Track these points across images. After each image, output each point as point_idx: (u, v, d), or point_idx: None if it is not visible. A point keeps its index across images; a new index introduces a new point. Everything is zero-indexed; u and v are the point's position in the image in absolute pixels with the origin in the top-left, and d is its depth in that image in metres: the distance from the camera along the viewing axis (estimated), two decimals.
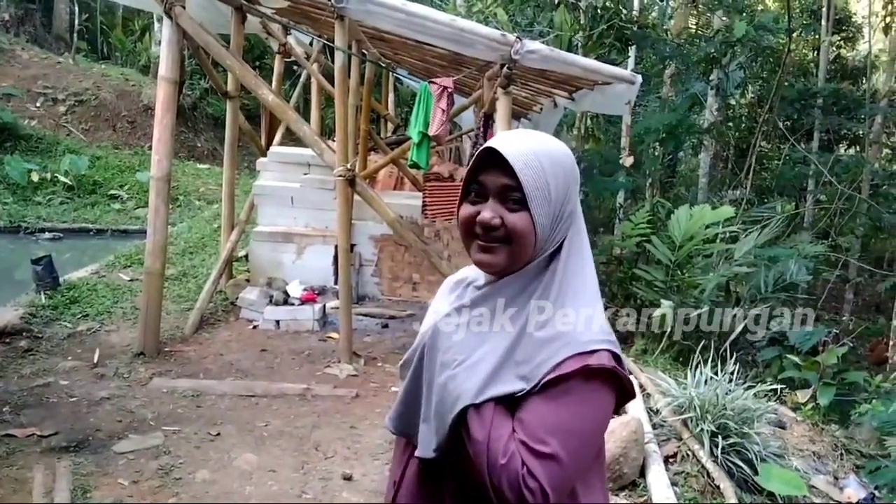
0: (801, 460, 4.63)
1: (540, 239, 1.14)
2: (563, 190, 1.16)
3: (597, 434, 1.16)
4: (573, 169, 1.20)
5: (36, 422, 3.67)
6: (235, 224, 6.07)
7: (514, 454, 1.05)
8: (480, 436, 1.07)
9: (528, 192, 1.12)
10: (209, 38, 4.60)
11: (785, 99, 9.37)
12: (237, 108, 5.92)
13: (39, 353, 4.59)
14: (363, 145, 6.83)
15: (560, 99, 6.51)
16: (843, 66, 13.19)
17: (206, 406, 4.12)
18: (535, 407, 1.08)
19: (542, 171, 1.13)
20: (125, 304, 5.55)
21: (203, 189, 10.65)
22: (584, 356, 1.09)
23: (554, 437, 1.05)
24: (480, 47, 4.40)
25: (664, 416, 4.10)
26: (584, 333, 1.12)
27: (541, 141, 1.19)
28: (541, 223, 1.13)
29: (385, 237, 6.10)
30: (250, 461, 3.54)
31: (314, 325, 5.51)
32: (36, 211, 9.04)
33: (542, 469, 1.04)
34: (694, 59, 9.04)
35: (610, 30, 8.26)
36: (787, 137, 9.35)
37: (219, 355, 4.92)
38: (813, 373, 5.26)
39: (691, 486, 3.64)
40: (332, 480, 3.42)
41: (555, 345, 1.10)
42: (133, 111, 12.35)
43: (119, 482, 3.20)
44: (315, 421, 4.04)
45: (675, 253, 6.45)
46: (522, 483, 1.03)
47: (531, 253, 1.15)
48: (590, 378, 1.09)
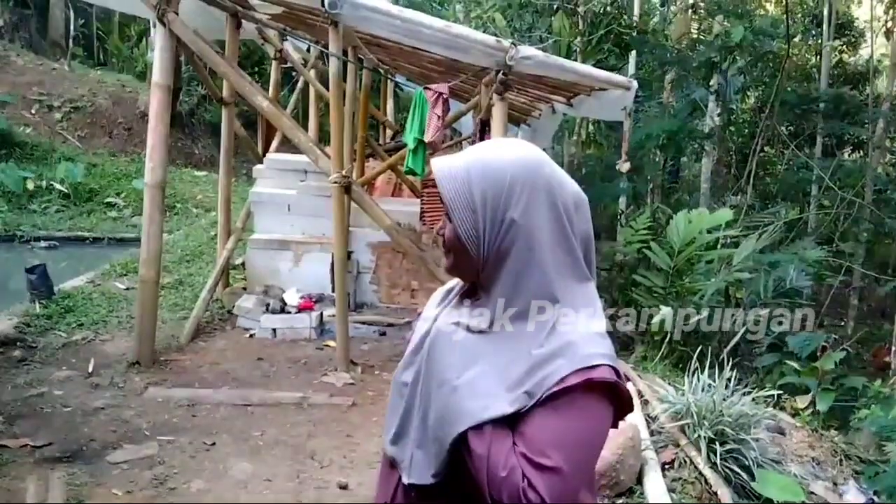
0: (800, 466, 4.60)
1: (471, 247, 1.15)
2: (496, 199, 1.14)
3: (597, 447, 1.15)
4: (519, 176, 1.16)
5: (29, 432, 3.64)
6: (232, 231, 6.05)
7: (515, 467, 1.04)
8: (481, 450, 1.06)
9: (448, 203, 1.15)
10: (203, 45, 4.59)
11: (785, 104, 9.37)
12: (233, 115, 5.91)
13: (33, 362, 4.56)
14: (360, 152, 6.82)
15: (559, 105, 6.51)
16: (846, 71, 13.23)
17: (201, 415, 4.09)
18: (536, 420, 1.07)
19: (465, 183, 1.15)
20: (121, 313, 5.52)
21: (200, 196, 10.62)
22: (585, 371, 1.08)
23: (555, 450, 1.05)
24: (475, 53, 4.40)
25: (662, 422, 4.08)
26: (583, 348, 1.11)
27: (483, 150, 1.20)
28: (464, 232, 1.14)
29: (383, 244, 6.08)
30: (245, 470, 3.52)
31: (311, 334, 5.48)
32: (31, 219, 8.99)
33: (543, 482, 1.03)
34: (694, 65, 9.06)
35: (609, 35, 8.27)
36: (788, 142, 9.35)
37: (214, 364, 4.89)
38: (812, 379, 5.25)
39: (688, 493, 3.62)
40: (327, 489, 3.39)
41: (556, 361, 1.09)
42: (130, 118, 12.32)
43: (113, 492, 3.17)
44: (311, 430, 4.02)
45: (674, 258, 6.44)
46: (523, 495, 1.02)
47: (472, 259, 1.16)
48: (590, 391, 1.09)
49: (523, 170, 1.17)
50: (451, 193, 1.15)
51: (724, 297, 6.30)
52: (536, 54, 4.30)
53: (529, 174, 1.17)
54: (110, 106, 12.44)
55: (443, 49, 4.47)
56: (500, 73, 4.35)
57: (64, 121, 11.82)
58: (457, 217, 1.15)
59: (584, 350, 1.10)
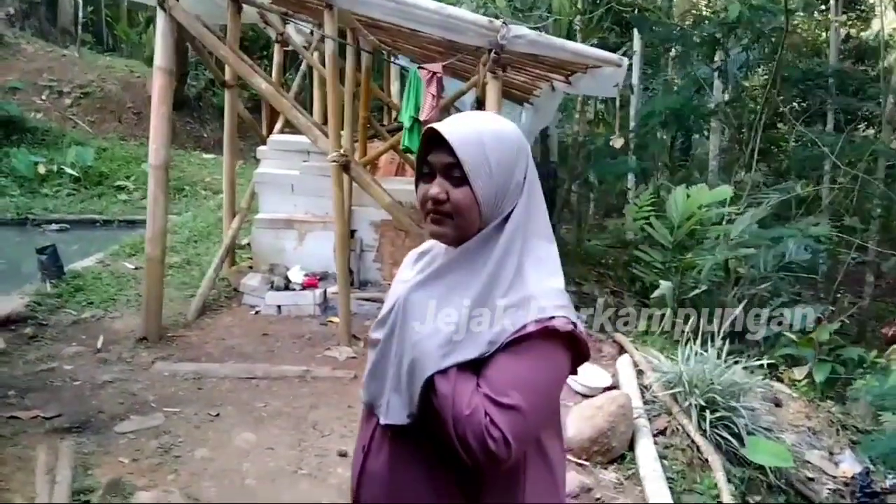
0: (796, 436, 4.67)
1: (484, 211, 1.23)
2: (508, 164, 1.24)
3: (555, 389, 1.25)
4: (520, 145, 1.28)
5: (40, 404, 3.77)
6: (237, 212, 6.16)
7: (478, 406, 1.12)
8: (446, 391, 1.14)
9: (468, 168, 1.20)
10: (202, 29, 4.67)
11: (788, 80, 9.28)
12: (236, 98, 5.99)
13: (44, 339, 4.70)
14: (362, 132, 6.87)
15: (558, 84, 6.52)
16: (857, 46, 13.02)
17: (206, 388, 4.22)
18: (497, 364, 1.17)
19: (481, 148, 1.22)
20: (129, 292, 5.66)
21: (209, 179, 10.75)
22: (543, 321, 1.18)
23: (515, 391, 1.14)
24: (470, 34, 4.44)
25: (655, 391, 4.16)
26: (542, 300, 1.20)
27: (484, 120, 1.28)
28: (483, 196, 1.22)
29: (386, 222, 6.16)
30: (248, 440, 3.63)
31: (315, 310, 5.59)
32: (43, 203, 9.16)
33: (504, 419, 1.12)
34: (696, 42, 8.99)
35: (609, 13, 8.23)
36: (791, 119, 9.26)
37: (220, 340, 5.02)
38: (809, 350, 5.30)
39: (679, 459, 3.70)
40: (327, 457, 3.51)
41: (518, 312, 1.18)
42: (138, 102, 12.44)
43: (120, 460, 3.30)
44: (313, 401, 4.13)
45: (673, 233, 6.47)
46: (486, 432, 1.10)
47: (478, 223, 1.24)
48: (548, 338, 1.18)
49: (521, 138, 1.29)
50: (471, 159, 1.21)
51: (724, 271, 6.33)
52: (528, 33, 4.34)
53: (524, 142, 1.29)
54: (119, 91, 12.57)
55: (437, 30, 4.52)
56: (493, 53, 4.39)
57: (74, 106, 11.97)
58: (476, 180, 1.21)
59: (542, 303, 1.19)
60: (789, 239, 6.43)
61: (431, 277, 1.26)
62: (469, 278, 1.23)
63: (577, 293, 6.54)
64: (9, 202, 9.00)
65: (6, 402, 3.78)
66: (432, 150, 1.25)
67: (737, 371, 4.06)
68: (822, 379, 5.01)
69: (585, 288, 6.73)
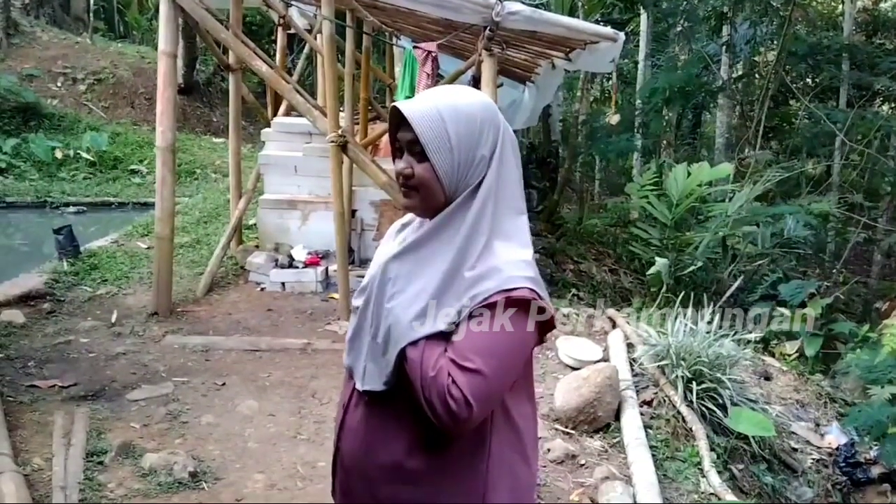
0: (784, 408, 4.78)
1: (447, 184, 1.29)
2: (470, 138, 1.29)
3: (518, 355, 1.31)
4: (487, 117, 1.31)
5: (57, 374, 4.00)
6: (243, 193, 6.34)
7: (443, 368, 1.20)
8: (415, 356, 1.24)
9: (424, 143, 1.26)
10: (203, 13, 4.80)
11: (795, 54, 9.19)
12: (240, 81, 6.13)
13: (61, 314, 4.93)
14: (363, 114, 6.99)
15: (558, 61, 6.56)
16: (876, 19, 12.75)
17: (213, 360, 4.42)
18: (463, 331, 1.25)
19: (440, 123, 1.26)
20: (142, 270, 5.87)
21: (219, 162, 10.94)
22: (508, 291, 1.25)
23: (478, 355, 1.21)
24: (465, 11, 4.50)
25: (643, 363, 4.28)
26: (508, 271, 1.27)
27: (447, 95, 1.33)
28: (443, 170, 1.27)
29: (385, 202, 6.29)
30: (252, 407, 3.83)
31: (317, 287, 5.78)
32: (60, 186, 9.45)
33: (465, 380, 1.18)
34: (702, 16, 8.94)
35: None
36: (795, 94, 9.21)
37: (227, 314, 5.23)
38: (802, 325, 5.38)
39: (663, 429, 3.83)
40: (325, 423, 3.68)
41: (484, 283, 1.26)
42: (150, 88, 12.58)
43: (131, 425, 3.51)
44: (314, 372, 4.31)
45: (672, 211, 6.55)
46: (447, 391, 1.18)
47: (443, 196, 1.30)
48: (511, 307, 1.26)
49: (487, 112, 1.33)
50: (429, 134, 1.25)
51: (721, 247, 6.40)
52: (522, 9, 4.39)
53: (492, 116, 1.34)
54: (131, 77, 12.77)
55: (433, 8, 4.60)
56: (488, 30, 4.47)
57: (88, 92, 12.20)
58: (436, 157, 1.25)
59: (508, 273, 1.26)
60: (790, 216, 6.48)
61: (406, 250, 1.33)
62: (441, 250, 1.28)
63: (574, 271, 6.64)
64: (28, 186, 9.30)
65: (26, 373, 4.01)
66: (399, 128, 1.31)
67: (725, 345, 4.15)
68: (812, 353, 5.10)
69: (584, 266, 6.82)
